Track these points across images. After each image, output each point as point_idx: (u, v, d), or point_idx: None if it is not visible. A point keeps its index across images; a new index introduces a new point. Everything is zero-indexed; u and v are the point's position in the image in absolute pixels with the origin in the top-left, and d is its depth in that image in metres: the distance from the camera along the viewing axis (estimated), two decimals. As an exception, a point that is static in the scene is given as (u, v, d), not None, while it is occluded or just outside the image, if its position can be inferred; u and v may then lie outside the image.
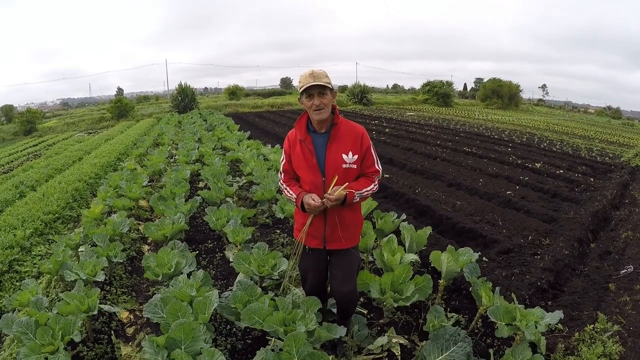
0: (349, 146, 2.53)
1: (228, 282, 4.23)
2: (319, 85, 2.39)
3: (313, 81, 2.39)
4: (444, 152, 12.39)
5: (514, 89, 50.93)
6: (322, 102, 2.43)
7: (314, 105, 2.43)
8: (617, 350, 3.10)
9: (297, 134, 2.60)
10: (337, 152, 2.53)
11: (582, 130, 26.06)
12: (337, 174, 2.50)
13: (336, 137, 2.54)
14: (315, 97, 2.42)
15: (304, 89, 2.42)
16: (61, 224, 6.24)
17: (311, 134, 2.58)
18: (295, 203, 2.62)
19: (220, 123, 17.48)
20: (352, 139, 2.55)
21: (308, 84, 2.40)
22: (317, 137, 2.57)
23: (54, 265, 3.71)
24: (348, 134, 2.56)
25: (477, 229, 5.73)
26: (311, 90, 2.42)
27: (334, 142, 2.54)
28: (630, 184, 9.50)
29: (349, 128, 2.58)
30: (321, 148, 2.55)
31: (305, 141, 2.56)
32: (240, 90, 45.98)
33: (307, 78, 2.42)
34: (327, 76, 2.47)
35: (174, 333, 2.41)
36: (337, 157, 2.52)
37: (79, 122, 31.82)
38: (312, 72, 2.44)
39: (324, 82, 2.40)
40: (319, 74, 2.44)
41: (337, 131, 2.55)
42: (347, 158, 2.52)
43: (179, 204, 5.52)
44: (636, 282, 4.32)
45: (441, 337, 2.74)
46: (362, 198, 2.57)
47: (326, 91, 2.44)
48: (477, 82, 79.94)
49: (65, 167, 10.89)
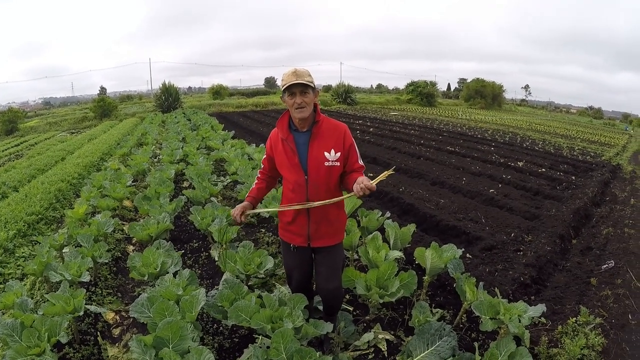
0: (331, 144, 2.54)
1: (214, 282, 4.22)
2: (301, 83, 2.40)
3: (295, 79, 2.40)
4: (427, 151, 12.50)
5: (497, 89, 51.66)
6: (303, 101, 2.43)
7: (295, 103, 2.44)
8: (599, 342, 3.18)
9: (279, 132, 2.60)
10: (319, 150, 2.53)
11: (564, 130, 26.59)
12: (319, 173, 2.52)
13: (318, 135, 2.55)
14: (297, 96, 2.43)
15: (286, 87, 2.43)
16: (44, 225, 6.14)
17: (293, 132, 2.58)
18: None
19: (205, 122, 17.37)
20: (335, 137, 2.56)
21: (290, 82, 2.40)
22: (299, 136, 2.57)
23: (38, 267, 3.65)
24: (330, 131, 2.57)
25: (460, 226, 5.81)
26: (293, 88, 2.42)
27: (315, 140, 2.54)
28: (611, 182, 9.72)
29: (331, 126, 2.60)
30: (303, 146, 2.55)
31: (287, 140, 2.56)
32: (224, 89, 45.70)
33: (290, 76, 2.42)
34: (309, 75, 2.47)
35: (161, 332, 2.40)
36: (319, 155, 2.52)
37: (62, 121, 31.29)
38: (295, 70, 2.45)
39: (306, 81, 2.41)
40: (301, 72, 2.44)
41: (318, 129, 2.55)
42: (329, 156, 2.53)
43: (163, 204, 5.48)
44: (617, 276, 4.43)
45: (427, 332, 2.78)
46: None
47: (308, 90, 2.44)
48: (460, 82, 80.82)
49: (48, 167, 10.71)
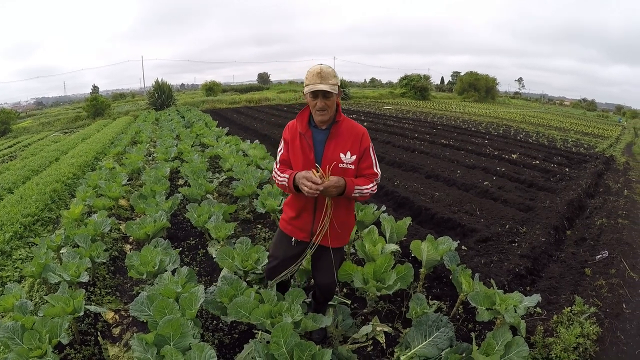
0: (348, 146, 2.49)
1: (212, 278, 4.24)
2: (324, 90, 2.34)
3: (320, 82, 2.33)
4: (422, 145, 12.54)
5: (491, 82, 51.86)
6: (325, 104, 2.39)
7: (317, 105, 2.40)
8: (594, 330, 3.24)
9: (298, 126, 2.53)
10: (335, 150, 2.48)
11: (558, 122, 26.75)
12: (333, 174, 2.44)
13: (336, 135, 2.49)
14: (319, 98, 2.38)
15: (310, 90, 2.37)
16: (41, 226, 6.12)
17: (312, 128, 2.54)
18: (287, 184, 2.48)
19: (198, 119, 17.28)
20: (352, 139, 2.50)
21: (315, 88, 2.34)
22: (317, 133, 2.52)
23: (36, 268, 3.64)
24: (348, 133, 2.51)
25: (455, 218, 5.86)
26: (316, 92, 2.37)
27: (333, 140, 2.49)
28: (604, 174, 9.81)
29: (350, 127, 2.54)
30: (320, 144, 2.50)
31: (305, 135, 2.50)
32: (217, 86, 45.52)
33: (314, 77, 2.36)
34: (335, 76, 2.39)
35: (162, 330, 2.41)
36: (334, 155, 2.47)
37: (55, 121, 31.12)
38: (320, 71, 2.36)
39: (329, 88, 2.34)
40: (327, 73, 2.36)
41: (337, 129, 2.50)
42: (344, 158, 2.48)
43: (159, 202, 5.47)
44: (611, 266, 4.49)
45: (424, 324, 2.82)
46: (361, 196, 2.50)
47: (332, 94, 2.38)
48: (454, 76, 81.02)
49: (42, 168, 10.65)
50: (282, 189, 2.60)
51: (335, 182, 2.36)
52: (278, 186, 2.61)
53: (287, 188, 2.50)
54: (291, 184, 2.44)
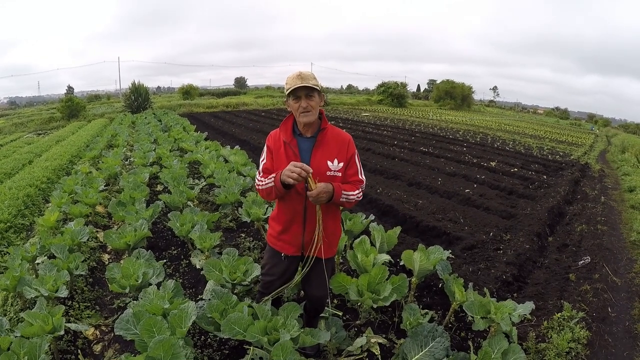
0: (334, 153, 2.46)
1: (197, 290, 4.09)
2: (306, 87, 2.33)
3: (301, 82, 2.32)
4: (401, 152, 12.62)
5: (467, 91, 52.80)
6: (309, 104, 2.36)
7: (301, 107, 2.36)
8: (584, 335, 3.34)
9: (282, 135, 2.49)
10: (322, 158, 2.44)
11: (533, 130, 27.45)
12: (320, 182, 2.38)
13: (322, 142, 2.46)
14: (302, 99, 2.35)
15: (291, 90, 2.34)
16: (14, 234, 5.77)
17: (297, 137, 2.49)
18: (275, 184, 2.37)
19: (176, 123, 16.97)
20: (338, 146, 2.48)
21: (295, 85, 2.33)
22: (302, 141, 2.48)
23: (11, 281, 3.40)
24: (335, 140, 2.49)
25: (440, 226, 5.87)
26: (298, 92, 2.35)
27: (319, 148, 2.46)
28: (581, 181, 10.06)
29: (336, 134, 2.52)
30: (306, 153, 2.46)
31: (290, 144, 2.46)
32: (194, 89, 44.83)
33: (295, 79, 2.35)
34: (314, 78, 2.39)
35: (153, 352, 2.26)
36: (322, 163, 2.43)
37: (28, 122, 29.95)
38: (299, 73, 2.37)
39: (311, 84, 2.34)
40: (306, 75, 2.37)
41: (323, 137, 2.47)
42: (332, 165, 2.45)
43: (139, 210, 5.28)
44: (594, 271, 4.59)
45: (420, 334, 2.78)
46: (347, 202, 2.45)
47: (314, 93, 2.37)
48: (430, 84, 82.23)
49: (15, 171, 10.14)
50: (266, 195, 2.50)
51: (325, 188, 2.33)
52: (261, 194, 2.52)
53: (275, 189, 2.40)
54: (278, 182, 2.35)
